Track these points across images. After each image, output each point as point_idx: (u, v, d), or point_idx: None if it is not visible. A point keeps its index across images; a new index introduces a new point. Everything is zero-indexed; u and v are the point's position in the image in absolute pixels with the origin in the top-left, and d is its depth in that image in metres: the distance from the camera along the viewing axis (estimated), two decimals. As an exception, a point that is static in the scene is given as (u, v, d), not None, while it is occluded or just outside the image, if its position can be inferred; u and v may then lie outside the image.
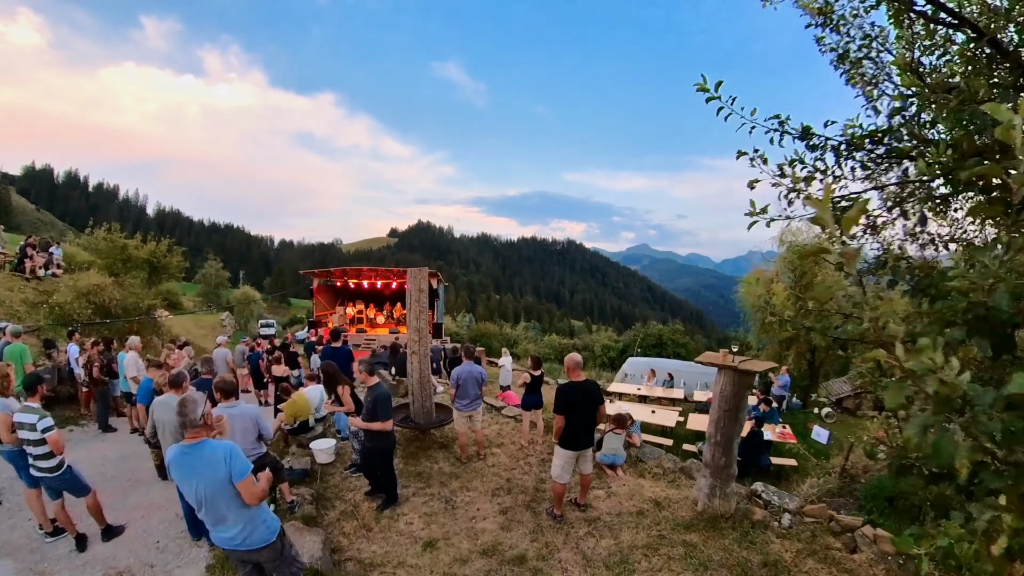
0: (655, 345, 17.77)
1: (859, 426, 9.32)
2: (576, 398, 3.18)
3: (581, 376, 3.32)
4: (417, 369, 5.18)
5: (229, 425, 3.24)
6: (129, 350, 6.90)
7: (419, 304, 5.29)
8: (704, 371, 11.47)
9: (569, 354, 3.44)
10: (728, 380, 3.09)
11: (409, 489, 4.16)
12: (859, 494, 4.77)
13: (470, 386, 4.60)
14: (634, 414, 7.00)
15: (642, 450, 4.82)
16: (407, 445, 5.13)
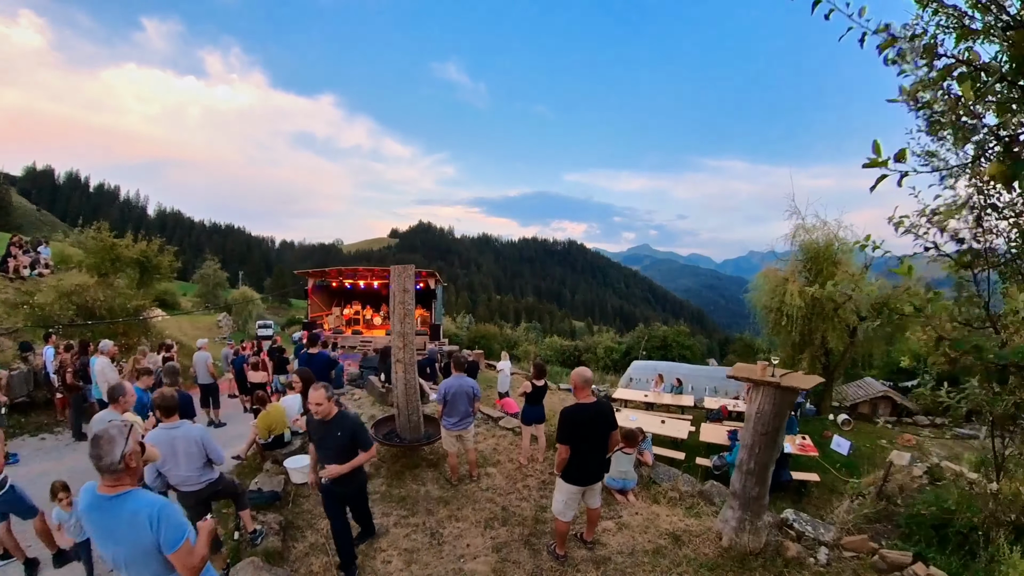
0: (660, 347, 17.23)
1: (877, 433, 8.80)
2: (585, 424, 2.68)
3: (591, 396, 2.81)
4: (402, 379, 4.64)
5: (171, 449, 2.82)
6: (100, 354, 6.45)
7: (404, 306, 4.72)
8: (712, 375, 10.95)
9: (576, 369, 2.86)
10: (767, 398, 2.58)
11: (390, 518, 3.65)
12: (899, 520, 4.23)
13: (460, 402, 4.04)
14: (643, 425, 6.47)
15: (655, 470, 4.30)
16: (392, 463, 4.61)
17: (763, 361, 2.59)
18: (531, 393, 4.58)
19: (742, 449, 2.69)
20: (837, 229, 8.96)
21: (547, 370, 4.77)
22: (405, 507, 3.82)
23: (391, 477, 4.36)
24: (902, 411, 10.17)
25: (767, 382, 2.54)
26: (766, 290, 9.46)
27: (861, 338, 9.14)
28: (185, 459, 2.84)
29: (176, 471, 2.85)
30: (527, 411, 4.72)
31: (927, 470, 4.72)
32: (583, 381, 2.80)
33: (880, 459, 6.94)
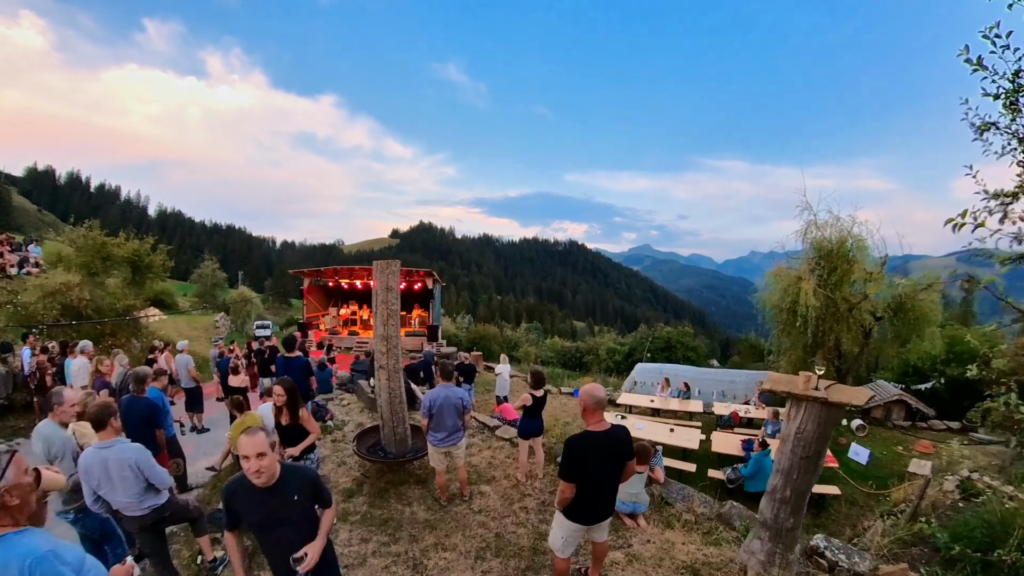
0: (663, 348, 16.77)
1: (892, 439, 8.36)
2: (595, 458, 2.12)
3: (604, 422, 2.19)
4: (386, 387, 4.23)
5: (104, 472, 2.45)
6: (77, 355, 6.13)
7: (387, 306, 4.26)
8: (721, 379, 10.51)
9: (586, 387, 2.24)
10: (811, 416, 2.16)
11: (369, 545, 3.25)
12: (937, 543, 3.80)
13: (447, 415, 3.59)
14: (651, 434, 6.05)
15: (667, 488, 3.86)
16: (376, 479, 4.23)
17: (806, 372, 2.17)
18: (530, 405, 4.11)
19: (776, 474, 2.27)
20: (851, 225, 8.53)
21: (546, 378, 4.27)
22: (387, 532, 3.42)
23: (374, 495, 3.97)
24: (916, 414, 9.75)
25: (812, 397, 2.11)
26: (777, 289, 9.02)
27: (877, 339, 8.70)
28: (120, 483, 2.47)
29: (113, 496, 2.51)
30: (525, 424, 4.27)
31: (959, 483, 4.29)
32: (595, 403, 2.14)
33: (899, 467, 6.52)
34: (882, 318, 8.39)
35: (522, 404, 4.17)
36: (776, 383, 2.25)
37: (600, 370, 16.87)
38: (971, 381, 8.79)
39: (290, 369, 4.96)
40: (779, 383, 2.26)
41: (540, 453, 4.34)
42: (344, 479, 4.34)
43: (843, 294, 8.55)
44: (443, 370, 3.81)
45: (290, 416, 3.36)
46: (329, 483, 4.31)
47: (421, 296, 17.49)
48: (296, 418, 3.36)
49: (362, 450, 4.38)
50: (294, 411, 3.37)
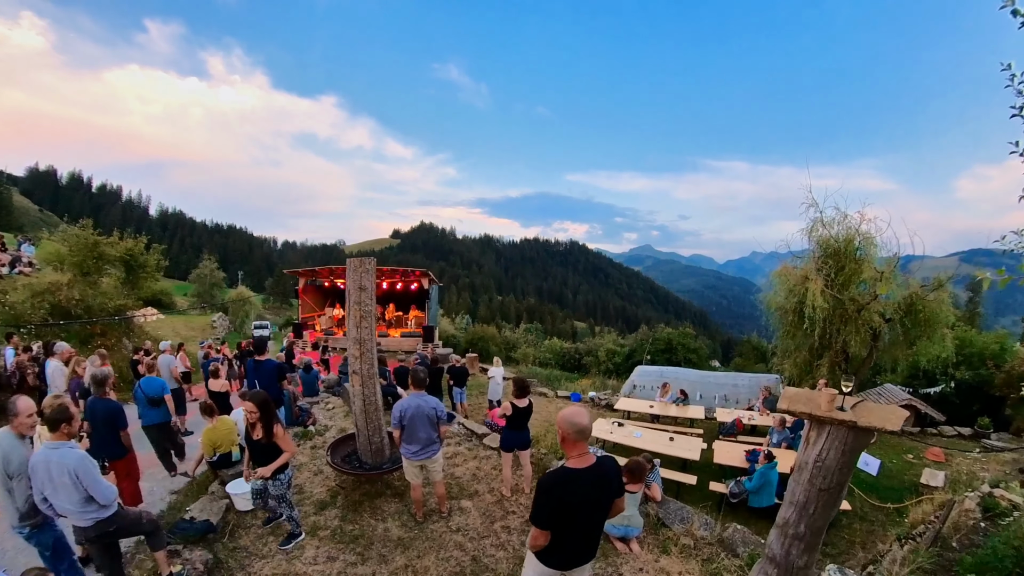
0: (664, 350, 16.41)
1: (901, 446, 7.99)
2: (573, 502, 1.73)
3: (587, 455, 1.79)
4: (360, 394, 3.97)
5: (47, 474, 2.37)
6: (53, 357, 5.91)
7: (360, 307, 3.96)
8: (724, 382, 10.15)
9: (565, 412, 1.81)
10: (835, 443, 1.80)
11: (335, 564, 3.03)
12: (959, 569, 3.46)
13: (419, 427, 3.29)
14: (650, 444, 5.71)
15: (664, 507, 3.53)
16: (351, 491, 3.97)
17: (827, 387, 1.83)
18: (512, 415, 3.80)
19: (789, 506, 1.94)
20: (859, 223, 8.15)
21: (530, 387, 3.96)
22: (356, 550, 3.17)
23: (347, 508, 3.71)
24: (925, 420, 9.38)
25: (838, 420, 1.75)
26: (782, 290, 8.66)
27: (887, 342, 8.33)
28: (61, 489, 2.37)
29: (56, 499, 2.44)
30: (508, 436, 3.96)
31: (980, 500, 3.94)
32: (576, 432, 1.74)
33: (911, 477, 6.17)
34: (891, 319, 8.03)
35: (503, 414, 3.86)
36: (794, 402, 1.88)
37: (599, 372, 16.53)
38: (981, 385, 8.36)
39: (261, 373, 4.73)
40: (797, 402, 1.88)
41: (527, 466, 4.04)
42: (319, 489, 4.11)
43: (851, 294, 8.19)
44: (414, 377, 3.49)
45: (264, 432, 3.05)
46: (303, 493, 4.08)
47: (418, 297, 17.23)
48: (270, 434, 3.05)
49: (336, 460, 4.14)
50: (268, 427, 3.05)
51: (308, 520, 3.59)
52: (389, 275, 17.24)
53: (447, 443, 5.28)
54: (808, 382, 8.62)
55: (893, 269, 7.88)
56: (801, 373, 9.04)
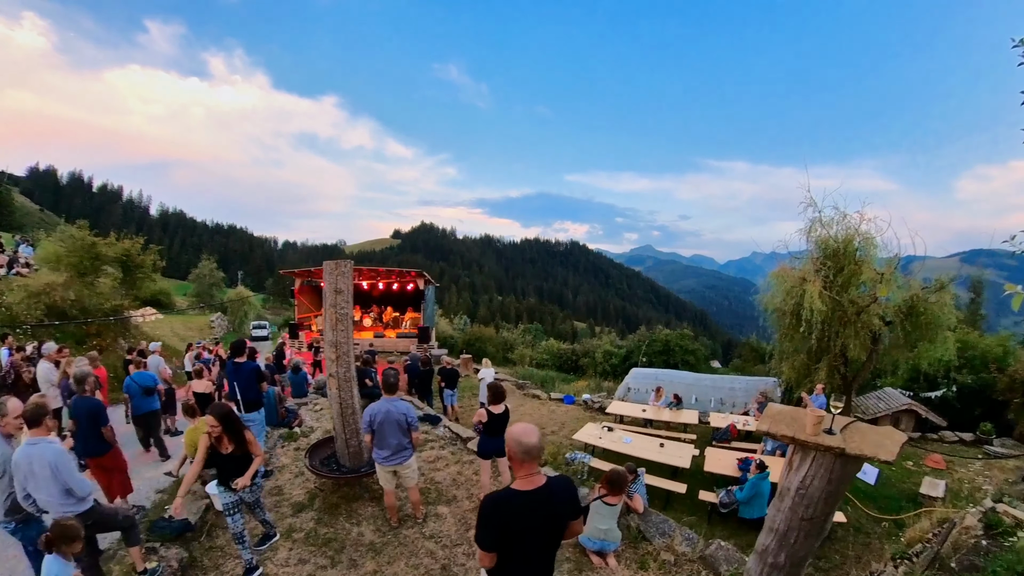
0: (662, 352, 16.23)
1: (901, 453, 7.78)
2: (516, 526, 1.60)
3: (537, 475, 1.66)
4: (336, 397, 3.96)
5: (29, 469, 2.53)
6: (42, 358, 6.12)
7: (336, 309, 3.96)
8: (720, 386, 9.99)
9: (512, 429, 1.67)
10: (820, 470, 1.62)
11: (305, 567, 3.04)
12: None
13: (390, 433, 3.23)
14: (639, 450, 5.56)
15: (646, 520, 3.38)
16: (329, 493, 3.97)
17: (815, 408, 1.63)
18: (487, 422, 3.70)
19: (768, 533, 1.78)
20: (859, 223, 7.96)
21: (505, 393, 3.90)
22: (327, 554, 3.18)
23: (324, 511, 3.71)
24: (926, 425, 9.18)
25: (824, 447, 1.56)
26: (780, 291, 8.47)
27: (887, 345, 8.13)
28: (42, 481, 2.55)
29: (38, 493, 2.60)
30: (484, 443, 3.86)
31: (983, 516, 3.77)
32: (522, 452, 1.61)
33: (910, 486, 5.99)
34: (892, 322, 7.84)
35: (478, 421, 3.76)
36: (776, 422, 1.67)
37: (596, 374, 16.37)
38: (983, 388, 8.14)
39: (239, 375, 4.65)
40: (779, 422, 1.68)
41: (506, 473, 3.96)
42: (298, 491, 4.11)
43: (851, 296, 8.00)
44: (385, 382, 3.41)
45: (234, 443, 2.91)
46: (282, 495, 4.09)
47: (414, 297, 17.16)
48: (243, 443, 2.93)
49: (315, 462, 4.15)
50: (237, 437, 2.92)
51: (284, 522, 3.60)
52: (385, 276, 17.16)
53: (430, 446, 5.24)
54: (806, 386, 8.44)
55: (893, 270, 7.69)
56: (799, 376, 8.87)
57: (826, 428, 1.64)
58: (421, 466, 4.65)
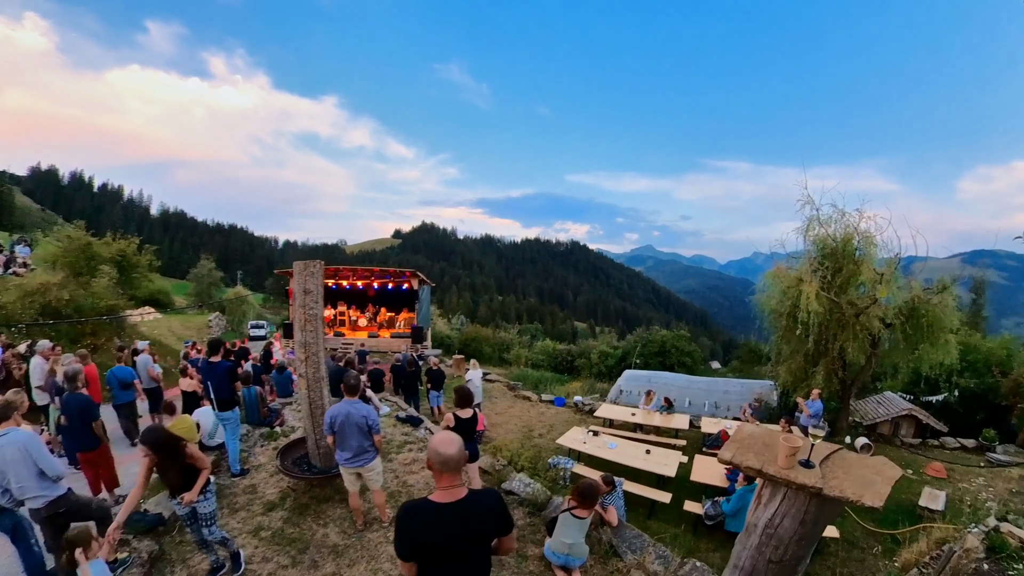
0: (657, 353, 16.00)
1: (900, 460, 7.50)
2: (429, 540, 1.53)
3: (459, 487, 1.58)
4: (307, 398, 3.99)
5: (2, 460, 2.64)
6: (35, 355, 6.26)
7: (305, 309, 3.94)
8: (714, 389, 9.78)
9: (435, 439, 1.61)
10: (793, 510, 1.35)
11: (268, 565, 3.14)
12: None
13: (350, 435, 3.20)
14: (624, 456, 5.34)
15: (619, 534, 3.19)
16: (301, 494, 4.00)
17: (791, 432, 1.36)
18: (455, 427, 3.57)
19: (732, 570, 1.55)
20: (858, 221, 7.72)
21: (474, 397, 3.82)
22: (290, 554, 3.26)
23: (294, 511, 3.78)
24: (926, 430, 8.92)
25: (796, 484, 1.27)
26: (776, 292, 8.25)
27: (887, 348, 7.88)
28: (13, 467, 2.65)
29: (14, 482, 2.70)
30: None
31: (985, 535, 3.55)
32: (439, 463, 1.53)
33: (908, 497, 5.73)
34: (892, 324, 7.59)
35: (445, 426, 3.65)
36: (744, 448, 1.38)
37: (591, 375, 16.17)
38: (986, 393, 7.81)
39: (213, 374, 4.63)
40: (748, 448, 1.39)
41: (476, 479, 3.89)
42: (272, 490, 4.17)
43: (849, 298, 7.77)
44: (347, 382, 3.35)
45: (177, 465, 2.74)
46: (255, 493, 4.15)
47: (409, 297, 17.09)
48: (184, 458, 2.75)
49: (287, 462, 4.18)
50: (178, 460, 2.74)
51: (254, 520, 3.66)
52: (380, 276, 17.12)
53: (408, 448, 5.18)
54: (803, 390, 8.22)
55: (894, 271, 7.45)
56: (796, 380, 8.64)
57: (803, 460, 1.35)
58: (396, 468, 4.63)
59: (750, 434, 1.53)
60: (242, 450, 5.05)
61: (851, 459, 1.39)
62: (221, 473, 4.50)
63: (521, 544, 3.32)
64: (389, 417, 6.58)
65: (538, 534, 3.41)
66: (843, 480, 1.30)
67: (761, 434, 1.51)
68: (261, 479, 4.38)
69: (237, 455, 4.59)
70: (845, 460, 1.39)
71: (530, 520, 3.66)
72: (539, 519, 3.61)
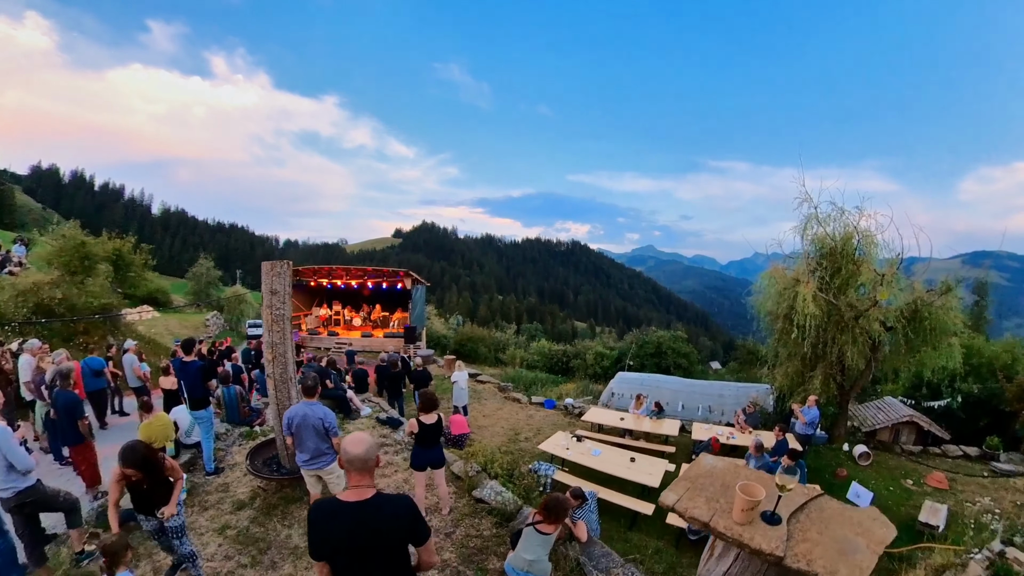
0: (654, 354, 15.73)
1: (900, 469, 7.23)
2: (333, 540, 1.50)
3: (368, 486, 1.56)
4: (274, 399, 3.98)
5: None
6: (25, 352, 6.15)
7: (271, 310, 3.87)
8: (709, 392, 9.54)
9: (347, 439, 1.61)
10: (748, 573, 1.05)
11: (228, 563, 3.18)
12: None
13: (307, 436, 3.17)
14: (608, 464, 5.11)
15: (588, 551, 2.97)
16: (271, 494, 4.01)
17: (750, 485, 0.96)
18: (418, 433, 3.43)
19: None
20: (858, 219, 7.42)
21: (438, 402, 3.68)
22: (251, 553, 3.30)
23: (261, 511, 3.82)
24: (928, 437, 8.63)
25: (751, 548, 0.96)
26: (772, 293, 7.98)
27: (888, 352, 7.58)
28: None
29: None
30: (417, 454, 3.65)
31: (989, 563, 3.30)
32: (347, 461, 1.54)
33: (907, 510, 5.47)
34: (893, 328, 7.29)
35: (409, 432, 3.53)
36: (695, 490, 1.07)
37: (586, 376, 15.92)
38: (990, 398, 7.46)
39: (185, 373, 4.66)
40: (699, 490, 1.08)
41: (442, 486, 3.75)
42: (243, 489, 4.19)
43: (848, 299, 7.48)
44: (303, 385, 3.32)
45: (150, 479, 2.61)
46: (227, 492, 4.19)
47: (401, 297, 17.01)
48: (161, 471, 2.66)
49: (258, 462, 4.21)
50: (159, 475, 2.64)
51: (222, 518, 3.70)
52: (373, 275, 17.08)
53: (385, 451, 5.09)
54: (799, 395, 7.96)
55: (896, 271, 7.15)
56: (793, 384, 8.38)
57: (766, 512, 1.02)
58: None
59: (708, 470, 1.24)
60: (219, 449, 5.09)
61: (831, 512, 1.06)
62: (196, 471, 4.54)
63: (483, 556, 3.19)
64: (370, 419, 6.40)
65: (503, 546, 3.27)
66: (815, 545, 0.99)
67: (722, 471, 1.22)
68: (235, 478, 4.40)
69: (211, 453, 4.61)
70: (823, 513, 1.06)
71: (497, 531, 3.52)
72: (507, 530, 3.46)
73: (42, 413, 5.34)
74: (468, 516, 3.72)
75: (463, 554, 3.25)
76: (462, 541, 3.40)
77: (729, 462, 1.30)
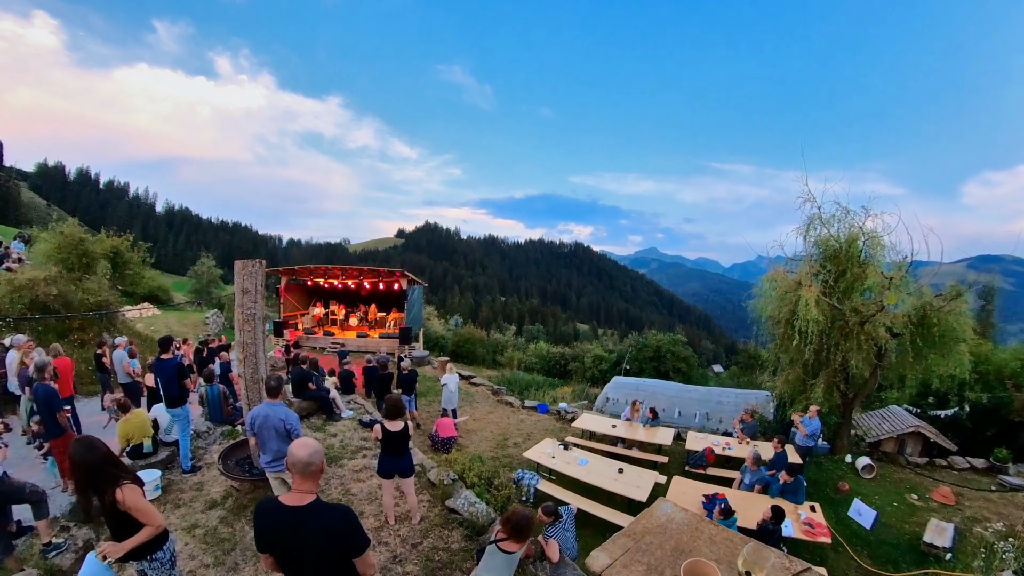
0: (652, 358, 15.45)
1: (905, 482, 6.89)
2: (270, 536, 1.60)
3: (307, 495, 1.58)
4: (245, 399, 3.97)
5: None
6: (10, 347, 6.27)
7: (243, 310, 3.85)
8: (707, 398, 9.25)
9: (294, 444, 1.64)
10: None
11: (193, 562, 3.16)
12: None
13: (269, 438, 3.13)
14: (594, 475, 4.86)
15: (559, 571, 2.74)
16: (244, 494, 3.96)
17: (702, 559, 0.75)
18: (384, 441, 3.25)
19: None
20: (864, 220, 7.11)
21: (405, 409, 3.49)
22: (215, 553, 3.26)
23: (232, 511, 3.77)
24: (934, 448, 8.30)
25: None
26: (773, 297, 7.69)
27: (894, 360, 7.25)
28: None
29: None
30: (383, 462, 3.49)
31: None
32: (289, 463, 1.60)
33: (912, 528, 5.17)
34: (900, 334, 6.97)
35: (375, 438, 3.45)
36: (636, 550, 0.82)
37: (584, 379, 15.68)
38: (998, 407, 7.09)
39: (161, 371, 4.58)
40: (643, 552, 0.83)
41: (411, 495, 3.59)
42: (217, 489, 4.15)
43: (853, 304, 7.17)
44: (267, 386, 3.25)
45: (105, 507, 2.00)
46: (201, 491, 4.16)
47: (397, 298, 16.90)
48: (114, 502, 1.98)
49: (230, 462, 4.17)
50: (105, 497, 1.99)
51: (193, 517, 3.70)
52: (369, 275, 17.00)
53: (363, 454, 4.95)
54: (801, 403, 7.67)
55: (903, 275, 6.83)
56: (794, 392, 8.09)
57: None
58: (344, 475, 4.39)
59: (660, 525, 0.96)
60: (199, 447, 5.04)
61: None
62: (173, 469, 4.51)
63: (449, 572, 2.99)
64: (352, 420, 6.22)
65: (469, 561, 3.09)
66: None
67: (678, 528, 0.91)
68: (211, 477, 4.38)
69: (188, 451, 4.58)
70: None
71: (465, 544, 3.34)
72: (476, 544, 3.27)
73: (27, 407, 5.36)
74: (439, 527, 3.55)
75: (428, 568, 3.07)
76: (428, 554, 3.23)
77: (690, 517, 1.05)
